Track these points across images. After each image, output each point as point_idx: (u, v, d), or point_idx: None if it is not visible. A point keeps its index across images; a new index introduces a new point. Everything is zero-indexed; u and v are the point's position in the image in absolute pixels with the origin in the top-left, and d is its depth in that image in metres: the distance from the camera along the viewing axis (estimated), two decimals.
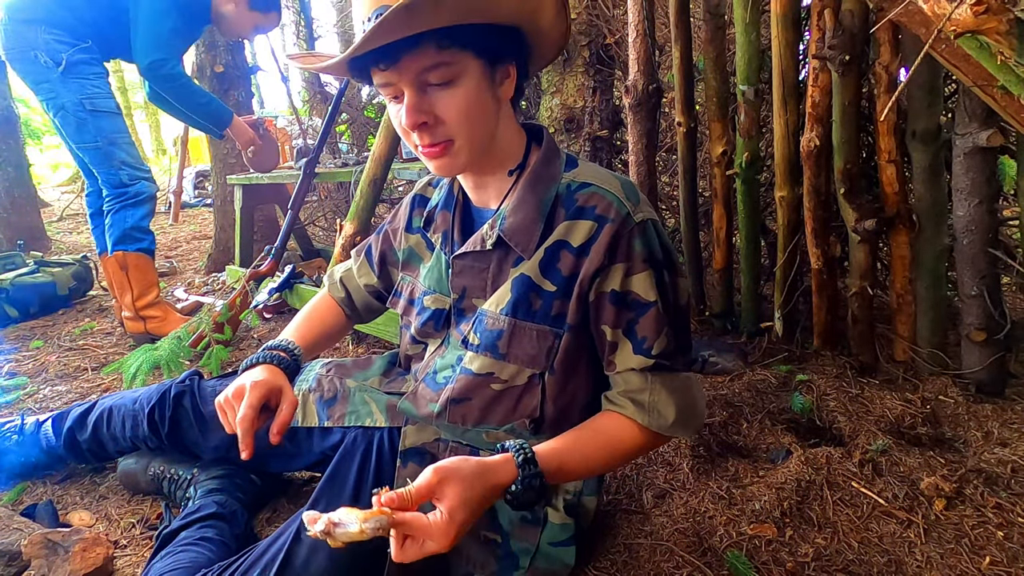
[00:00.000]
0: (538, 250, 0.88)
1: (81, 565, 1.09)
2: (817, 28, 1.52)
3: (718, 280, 2.01)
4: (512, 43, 0.83)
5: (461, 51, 0.77)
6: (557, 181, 0.89)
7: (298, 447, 1.18)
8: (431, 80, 0.78)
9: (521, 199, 0.89)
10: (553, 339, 0.89)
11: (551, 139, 0.94)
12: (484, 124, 0.83)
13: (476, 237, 0.92)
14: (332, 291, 1.23)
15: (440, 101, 0.79)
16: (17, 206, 4.44)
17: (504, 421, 0.93)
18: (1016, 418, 1.39)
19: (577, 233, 0.87)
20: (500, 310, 0.90)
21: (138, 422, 1.25)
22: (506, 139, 0.90)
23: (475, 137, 0.83)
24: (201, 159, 8.76)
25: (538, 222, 0.88)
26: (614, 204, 0.86)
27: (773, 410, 1.53)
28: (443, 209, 1.01)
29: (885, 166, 1.53)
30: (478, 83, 0.80)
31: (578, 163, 0.93)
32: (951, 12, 0.83)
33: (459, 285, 0.95)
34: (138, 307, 2.40)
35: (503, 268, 0.91)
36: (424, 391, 0.99)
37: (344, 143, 3.92)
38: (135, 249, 2.35)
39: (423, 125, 0.80)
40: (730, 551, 1.08)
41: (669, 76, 2.15)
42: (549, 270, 0.88)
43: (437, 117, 0.80)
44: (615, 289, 0.85)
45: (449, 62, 0.77)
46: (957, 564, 1.03)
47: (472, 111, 0.80)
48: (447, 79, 0.78)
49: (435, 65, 0.77)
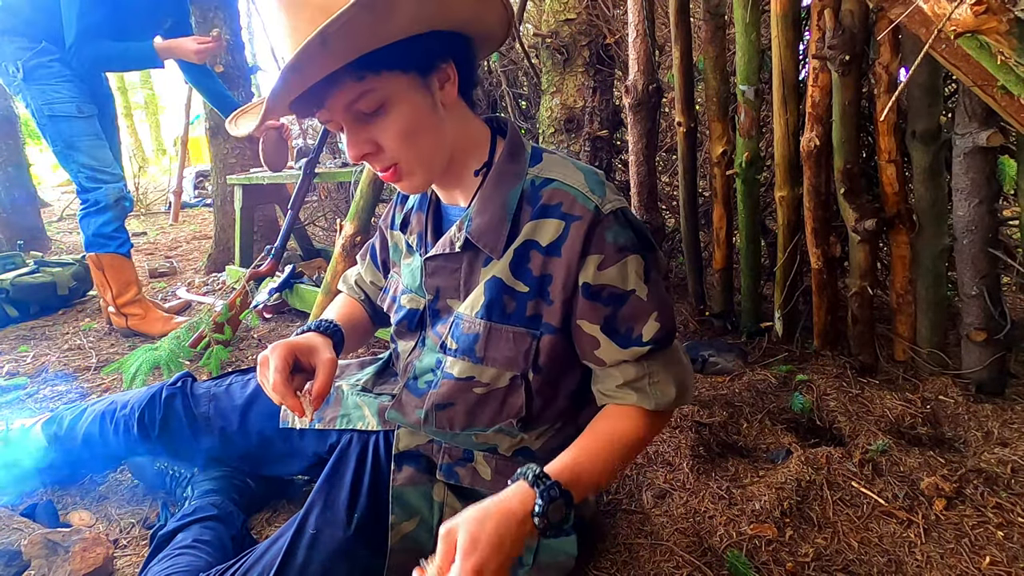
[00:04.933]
0: (507, 251, 0.86)
1: (81, 565, 1.09)
2: (817, 28, 1.52)
3: (718, 280, 2.01)
4: (441, 44, 0.78)
5: (381, 75, 0.73)
6: (522, 178, 0.87)
7: (292, 449, 1.17)
8: (363, 109, 0.75)
9: (487, 199, 0.86)
10: (530, 340, 0.87)
11: (516, 131, 0.90)
12: (429, 140, 0.80)
13: (445, 239, 0.91)
14: (351, 293, 1.21)
15: (376, 128, 0.77)
16: (17, 206, 4.43)
17: (492, 423, 0.92)
18: (1016, 418, 1.39)
19: (544, 232, 0.84)
20: (475, 313, 0.88)
21: (129, 427, 1.23)
22: (465, 140, 0.86)
23: (423, 156, 0.81)
24: (201, 159, 8.77)
25: (504, 221, 0.85)
26: (579, 200, 0.83)
27: (773, 410, 1.53)
28: (418, 210, 1.00)
29: (885, 166, 1.53)
30: (412, 100, 0.76)
31: (543, 157, 0.89)
32: (951, 12, 0.83)
33: (433, 286, 0.94)
34: (118, 304, 2.46)
35: (474, 268, 0.89)
36: (408, 398, 0.98)
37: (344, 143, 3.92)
38: (106, 251, 2.40)
39: (368, 155, 0.79)
40: (730, 551, 1.08)
41: (669, 76, 2.15)
42: (520, 271, 0.86)
43: (378, 144, 0.78)
44: (588, 282, 0.83)
45: (373, 88, 0.74)
46: (957, 564, 1.03)
47: (410, 132, 0.77)
48: (377, 105, 0.75)
49: (359, 96, 0.74)
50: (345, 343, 1.03)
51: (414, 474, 0.98)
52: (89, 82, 2.35)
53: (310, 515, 0.93)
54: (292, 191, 2.60)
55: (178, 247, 4.65)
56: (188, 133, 6.27)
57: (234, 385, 1.23)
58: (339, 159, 2.89)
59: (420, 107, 0.78)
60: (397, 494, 0.96)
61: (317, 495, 0.97)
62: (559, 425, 0.96)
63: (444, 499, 0.97)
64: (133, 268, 2.53)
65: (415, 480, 0.98)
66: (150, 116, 13.34)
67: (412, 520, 0.95)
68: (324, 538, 0.91)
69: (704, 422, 1.46)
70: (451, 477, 0.98)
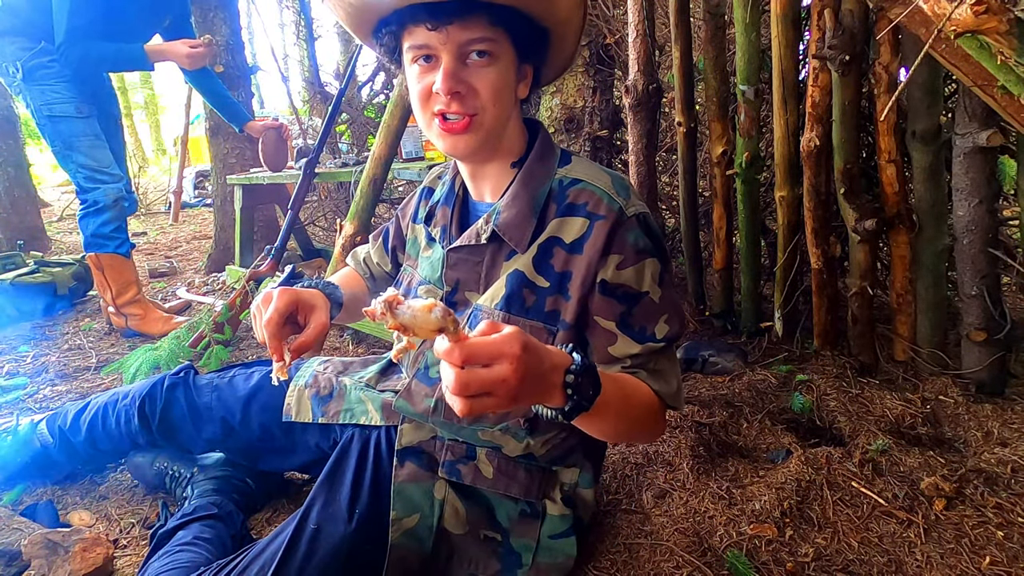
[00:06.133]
0: (531, 246, 0.89)
1: (81, 565, 1.09)
2: (817, 28, 1.52)
3: (718, 280, 2.01)
4: (540, 46, 0.88)
5: (505, 33, 0.81)
6: (551, 177, 0.91)
7: (293, 443, 1.18)
8: (472, 53, 0.81)
9: (515, 195, 0.90)
10: (547, 336, 0.89)
11: (547, 135, 0.97)
12: (506, 108, 0.86)
13: (471, 231, 0.94)
14: (358, 269, 1.25)
15: (476, 74, 0.82)
16: (17, 206, 4.44)
17: (499, 420, 0.93)
18: (1016, 418, 1.39)
19: (569, 230, 0.88)
20: (495, 305, 0.90)
21: (129, 417, 1.24)
22: (513, 132, 0.92)
23: (498, 117, 0.85)
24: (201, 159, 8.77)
25: (531, 217, 0.89)
26: (604, 200, 0.87)
27: (773, 410, 1.53)
28: (443, 204, 1.02)
29: (885, 166, 1.53)
30: (509, 69, 0.84)
31: (572, 159, 0.94)
32: (951, 12, 0.83)
33: (453, 278, 0.96)
34: (118, 304, 2.45)
35: (496, 261, 0.92)
36: (418, 387, 0.99)
37: (344, 143, 3.93)
38: (105, 251, 2.40)
39: (458, 94, 0.81)
40: (730, 551, 1.08)
41: (669, 76, 2.15)
42: (542, 266, 0.89)
43: (471, 88, 0.82)
44: (605, 279, 0.86)
45: (494, 39, 0.80)
46: (957, 564, 1.03)
47: (502, 92, 0.84)
48: (487, 54, 0.81)
49: (481, 39, 0.80)
50: (343, 312, 1.06)
51: (416, 470, 0.98)
52: (90, 82, 2.34)
53: (311, 511, 0.94)
54: (292, 191, 2.61)
55: (178, 247, 4.65)
56: (188, 133, 6.28)
57: (237, 377, 1.23)
58: (339, 159, 2.89)
59: (511, 79, 0.86)
60: (399, 490, 0.96)
61: (318, 491, 0.97)
62: (564, 434, 0.96)
63: (445, 496, 0.97)
64: (133, 268, 2.53)
65: (417, 476, 0.98)
66: (150, 116, 13.34)
67: (413, 516, 0.95)
68: (325, 534, 0.91)
69: (704, 422, 1.46)
70: (453, 474, 0.98)
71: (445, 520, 0.96)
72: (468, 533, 0.97)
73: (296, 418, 1.14)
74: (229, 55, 3.38)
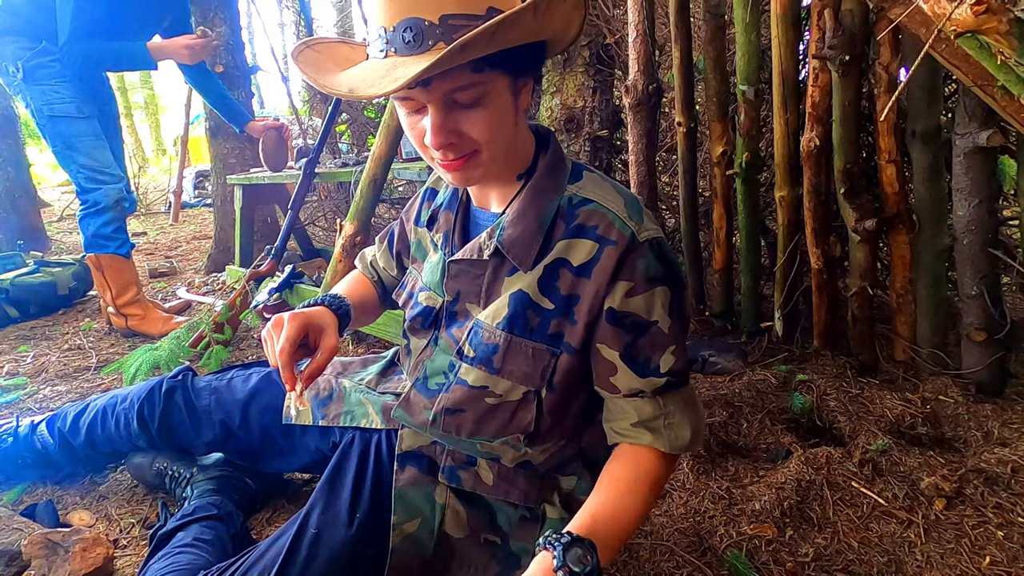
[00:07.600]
0: (537, 267, 0.86)
1: (81, 565, 1.09)
2: (817, 28, 1.52)
3: (718, 280, 2.01)
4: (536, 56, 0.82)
5: (494, 71, 0.75)
6: (560, 194, 0.87)
7: (293, 445, 1.18)
8: (459, 99, 0.76)
9: (522, 211, 0.87)
10: (549, 358, 0.87)
11: (558, 147, 0.92)
12: (507, 134, 0.82)
13: (474, 245, 0.91)
14: (366, 272, 1.22)
15: (467, 119, 0.77)
16: (17, 206, 4.44)
17: (498, 434, 0.92)
18: (1016, 418, 1.39)
19: (577, 252, 0.85)
20: (496, 324, 0.88)
21: (128, 420, 1.24)
22: (519, 145, 0.89)
23: (498, 150, 0.82)
24: (201, 159, 8.77)
25: (537, 236, 0.86)
26: (615, 224, 0.83)
27: (773, 410, 1.53)
28: (446, 209, 1.00)
29: (885, 166, 1.53)
30: (503, 96, 0.79)
31: (583, 175, 0.90)
32: (951, 12, 0.83)
33: (454, 288, 0.94)
34: (118, 305, 2.46)
35: (498, 276, 0.90)
36: (417, 398, 0.98)
37: (344, 143, 3.93)
38: (105, 252, 2.40)
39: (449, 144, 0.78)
40: (730, 551, 1.08)
41: (669, 76, 2.15)
42: (548, 288, 0.86)
43: (462, 135, 0.78)
44: (613, 308, 0.83)
45: (482, 82, 0.75)
46: (957, 564, 1.03)
47: (498, 125, 0.79)
48: (476, 99, 0.76)
49: (466, 86, 0.74)
50: (351, 322, 1.05)
51: (417, 475, 0.98)
52: (90, 82, 2.34)
53: (312, 514, 0.93)
54: (292, 191, 2.61)
55: (178, 247, 4.65)
56: (188, 133, 6.28)
57: (235, 379, 1.23)
58: (339, 159, 2.89)
59: (507, 106, 0.80)
60: (399, 494, 0.96)
61: (319, 494, 0.97)
62: (563, 443, 0.96)
63: (446, 501, 0.97)
64: (133, 269, 2.53)
65: (418, 481, 0.97)
66: (150, 116, 13.35)
67: (414, 521, 0.95)
68: (326, 538, 0.91)
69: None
70: (453, 480, 0.97)
71: (446, 524, 0.96)
72: (469, 537, 0.96)
73: (296, 420, 1.14)
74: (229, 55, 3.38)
